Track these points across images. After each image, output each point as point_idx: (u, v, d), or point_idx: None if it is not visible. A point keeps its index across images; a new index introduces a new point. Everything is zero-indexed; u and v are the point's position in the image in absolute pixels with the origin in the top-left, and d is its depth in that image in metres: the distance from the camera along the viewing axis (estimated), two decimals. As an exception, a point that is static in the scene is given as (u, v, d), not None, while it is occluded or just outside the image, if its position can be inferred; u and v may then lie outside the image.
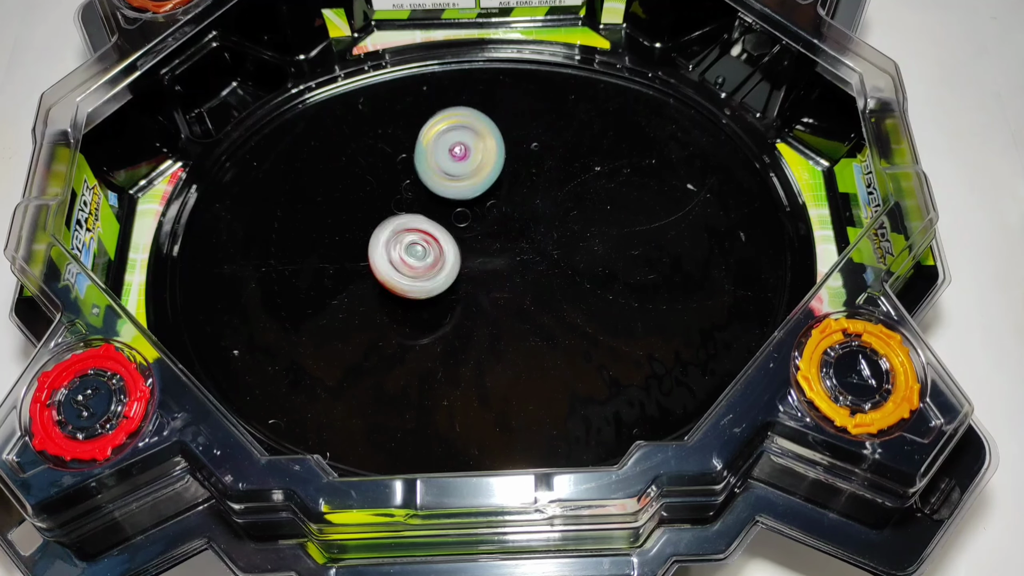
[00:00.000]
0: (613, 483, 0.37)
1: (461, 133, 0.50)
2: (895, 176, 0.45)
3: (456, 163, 0.49)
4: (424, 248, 0.46)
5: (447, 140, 0.49)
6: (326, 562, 0.39)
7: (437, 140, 0.49)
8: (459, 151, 0.48)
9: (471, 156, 0.49)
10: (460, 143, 0.49)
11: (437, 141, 0.49)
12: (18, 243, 0.43)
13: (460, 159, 0.49)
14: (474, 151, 0.48)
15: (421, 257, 0.46)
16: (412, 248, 0.46)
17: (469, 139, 0.49)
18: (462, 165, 0.49)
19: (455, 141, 0.49)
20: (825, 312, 0.41)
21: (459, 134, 0.50)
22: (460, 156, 0.49)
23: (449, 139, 0.49)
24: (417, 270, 0.46)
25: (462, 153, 0.48)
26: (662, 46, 0.58)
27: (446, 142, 0.49)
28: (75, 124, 0.47)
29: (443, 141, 0.49)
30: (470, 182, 0.49)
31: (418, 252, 0.46)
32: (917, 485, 0.37)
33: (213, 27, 0.52)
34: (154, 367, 0.40)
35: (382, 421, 0.46)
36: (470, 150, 0.48)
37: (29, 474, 0.37)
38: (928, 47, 0.63)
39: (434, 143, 0.49)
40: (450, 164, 0.49)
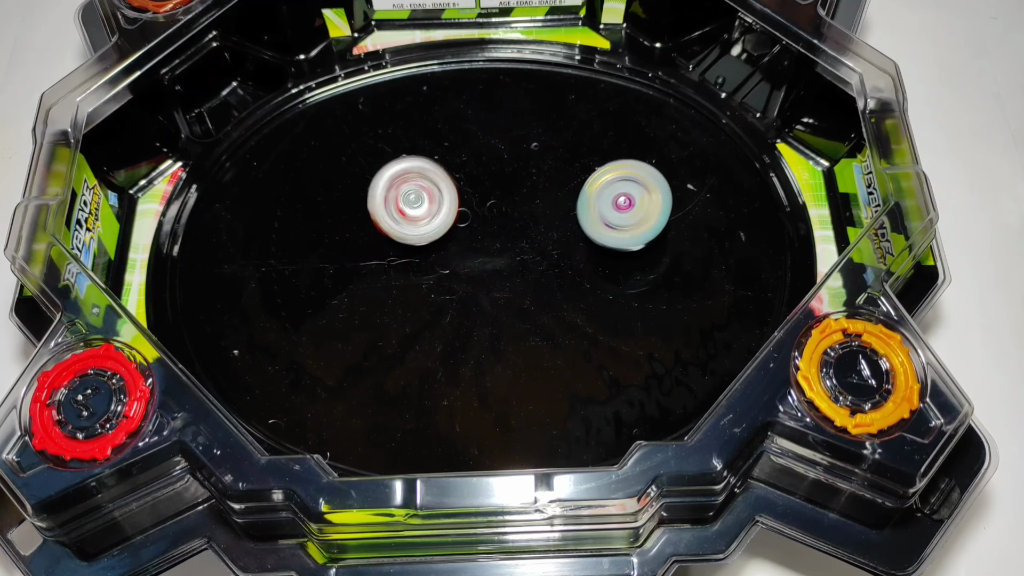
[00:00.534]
0: (613, 483, 0.37)
1: (628, 185, 0.48)
2: (895, 176, 0.45)
3: (619, 213, 0.48)
4: (417, 195, 0.47)
5: (612, 191, 0.48)
6: (326, 562, 0.39)
7: (603, 190, 0.48)
8: (623, 201, 0.48)
9: (635, 207, 0.48)
10: (625, 194, 0.48)
11: (602, 191, 0.48)
12: (18, 243, 0.43)
13: (624, 209, 0.48)
14: (639, 203, 0.48)
15: (415, 204, 0.47)
16: (407, 196, 0.47)
17: (635, 191, 0.48)
18: (625, 216, 0.48)
19: (620, 192, 0.48)
20: (825, 312, 0.41)
21: (625, 186, 0.48)
22: (624, 207, 0.48)
23: (614, 190, 0.48)
24: (411, 218, 0.47)
25: (626, 204, 0.48)
26: (662, 46, 0.58)
27: (611, 192, 0.48)
28: (75, 124, 0.47)
29: (608, 191, 0.48)
30: (631, 233, 0.48)
31: (411, 199, 0.47)
32: (917, 485, 0.37)
33: (213, 27, 0.52)
34: (154, 367, 0.40)
35: (382, 421, 0.46)
36: (635, 201, 0.47)
37: (29, 474, 0.37)
38: (928, 47, 0.63)
39: (599, 192, 0.48)
40: (613, 214, 0.48)
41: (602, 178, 0.49)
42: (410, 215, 0.49)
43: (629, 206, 0.47)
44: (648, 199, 0.48)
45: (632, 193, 0.48)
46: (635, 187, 0.48)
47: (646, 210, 0.48)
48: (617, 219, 0.48)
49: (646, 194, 0.48)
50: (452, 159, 0.54)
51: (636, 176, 0.48)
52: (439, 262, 0.50)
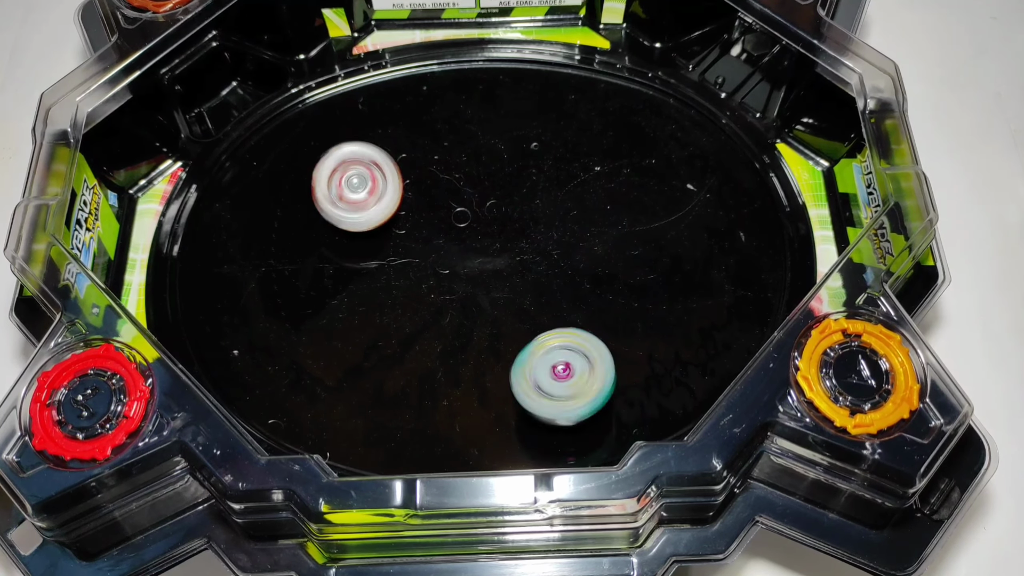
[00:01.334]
0: (613, 483, 0.37)
1: (570, 355, 0.43)
2: (895, 176, 0.45)
3: (556, 382, 0.43)
4: (360, 180, 0.46)
5: (552, 357, 0.43)
6: (326, 562, 0.39)
7: (544, 355, 0.43)
8: (562, 369, 0.43)
9: (573, 378, 0.43)
10: (565, 363, 0.43)
11: (544, 356, 0.43)
12: (18, 243, 0.43)
13: (561, 378, 0.43)
14: (578, 374, 0.43)
15: (356, 189, 0.46)
16: (350, 180, 0.46)
17: (576, 361, 0.43)
18: (562, 385, 0.43)
19: (560, 360, 0.43)
20: (825, 312, 0.41)
21: (567, 355, 0.43)
22: (562, 375, 0.43)
23: (554, 357, 0.43)
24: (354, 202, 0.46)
25: (565, 372, 0.42)
26: (662, 46, 0.58)
27: (551, 359, 0.43)
28: (75, 124, 0.47)
29: (548, 357, 0.43)
30: (564, 405, 0.42)
31: (354, 184, 0.46)
32: (917, 485, 0.37)
33: (213, 27, 0.52)
34: (154, 367, 0.40)
35: (382, 421, 0.46)
36: (574, 371, 0.42)
37: (29, 474, 0.37)
38: (928, 47, 0.63)
39: (540, 357, 0.43)
40: (548, 381, 0.43)
41: (546, 343, 0.44)
42: (351, 200, 0.48)
43: (567, 375, 0.43)
44: (589, 373, 0.43)
45: (573, 363, 0.43)
46: (577, 357, 0.43)
47: (585, 383, 0.42)
48: (552, 388, 0.43)
49: (588, 367, 0.43)
50: (452, 159, 0.54)
51: (581, 347, 0.43)
52: (439, 262, 0.50)
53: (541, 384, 0.43)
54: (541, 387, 0.43)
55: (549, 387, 0.42)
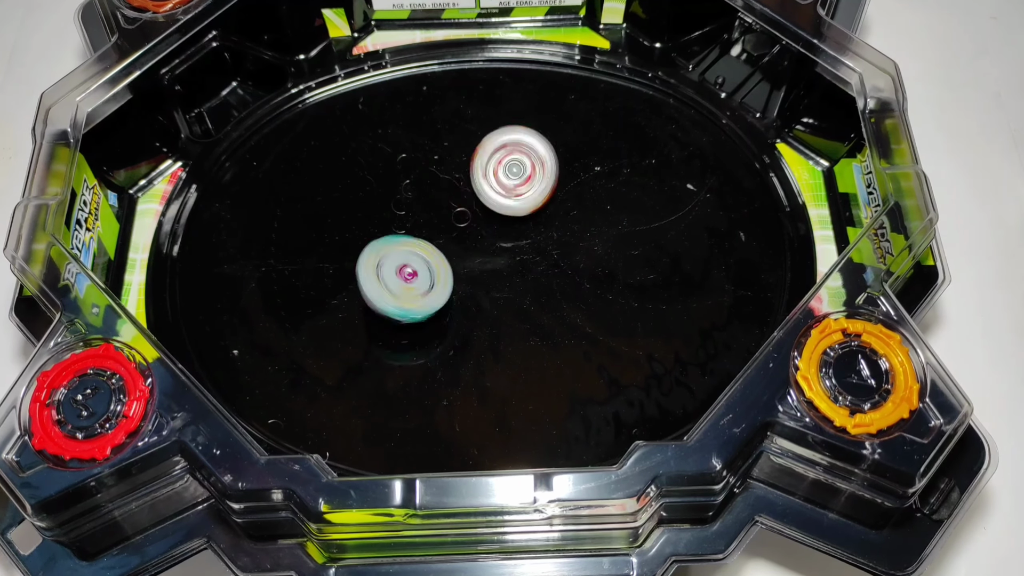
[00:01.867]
0: (612, 483, 0.37)
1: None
2: (895, 176, 0.45)
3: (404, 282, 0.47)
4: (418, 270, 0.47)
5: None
6: (325, 562, 0.39)
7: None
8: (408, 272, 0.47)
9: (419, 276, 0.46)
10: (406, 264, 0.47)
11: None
12: (18, 242, 0.43)
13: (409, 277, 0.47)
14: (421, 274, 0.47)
15: (519, 175, 0.47)
16: (510, 168, 0.47)
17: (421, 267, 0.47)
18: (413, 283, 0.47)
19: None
20: (825, 312, 0.41)
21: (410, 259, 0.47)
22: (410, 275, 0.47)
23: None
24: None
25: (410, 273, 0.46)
26: (662, 46, 0.58)
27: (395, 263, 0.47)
28: (75, 124, 0.47)
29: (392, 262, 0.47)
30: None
31: (515, 171, 0.47)
32: (916, 485, 0.37)
33: (213, 27, 0.52)
34: (154, 367, 0.40)
35: (381, 421, 0.46)
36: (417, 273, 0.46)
37: (28, 473, 0.37)
38: (928, 47, 0.63)
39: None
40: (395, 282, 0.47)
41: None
42: (509, 186, 0.48)
43: (413, 276, 0.47)
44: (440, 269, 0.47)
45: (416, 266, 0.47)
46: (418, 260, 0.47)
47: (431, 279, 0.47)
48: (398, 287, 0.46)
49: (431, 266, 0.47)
50: (452, 159, 0.54)
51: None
52: (439, 262, 0.50)
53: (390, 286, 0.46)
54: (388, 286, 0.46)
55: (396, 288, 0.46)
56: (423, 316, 0.46)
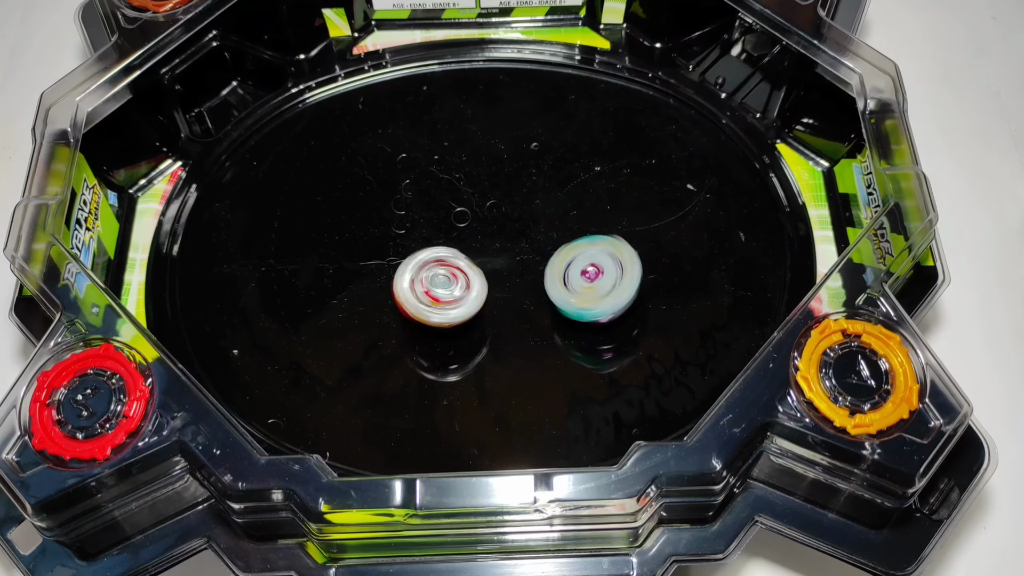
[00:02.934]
0: (612, 483, 0.37)
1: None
2: (895, 177, 0.45)
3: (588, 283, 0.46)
4: (449, 279, 0.46)
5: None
6: (325, 562, 0.39)
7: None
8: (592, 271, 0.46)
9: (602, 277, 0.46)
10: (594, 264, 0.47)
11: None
12: (18, 242, 0.43)
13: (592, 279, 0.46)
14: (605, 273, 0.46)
15: (446, 286, 0.46)
16: (436, 279, 0.46)
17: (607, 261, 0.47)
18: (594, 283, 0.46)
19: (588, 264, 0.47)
20: (824, 312, 0.41)
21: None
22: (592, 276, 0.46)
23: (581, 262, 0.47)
24: (442, 302, 0.46)
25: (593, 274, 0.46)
26: (662, 46, 0.58)
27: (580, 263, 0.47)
28: (75, 123, 0.47)
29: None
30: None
31: (441, 281, 0.46)
32: (916, 485, 0.37)
33: (213, 26, 0.52)
34: (154, 367, 0.40)
35: (381, 421, 0.46)
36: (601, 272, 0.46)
37: (28, 473, 0.37)
38: (928, 47, 0.63)
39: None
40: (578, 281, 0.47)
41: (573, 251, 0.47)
42: (440, 297, 0.46)
43: (597, 276, 0.46)
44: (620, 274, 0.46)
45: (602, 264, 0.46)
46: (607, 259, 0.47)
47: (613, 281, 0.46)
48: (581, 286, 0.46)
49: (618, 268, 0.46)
50: (452, 159, 0.54)
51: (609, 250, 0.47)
52: (439, 262, 0.50)
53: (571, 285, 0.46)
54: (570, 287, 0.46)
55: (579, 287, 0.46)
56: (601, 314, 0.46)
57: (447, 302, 0.46)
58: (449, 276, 0.46)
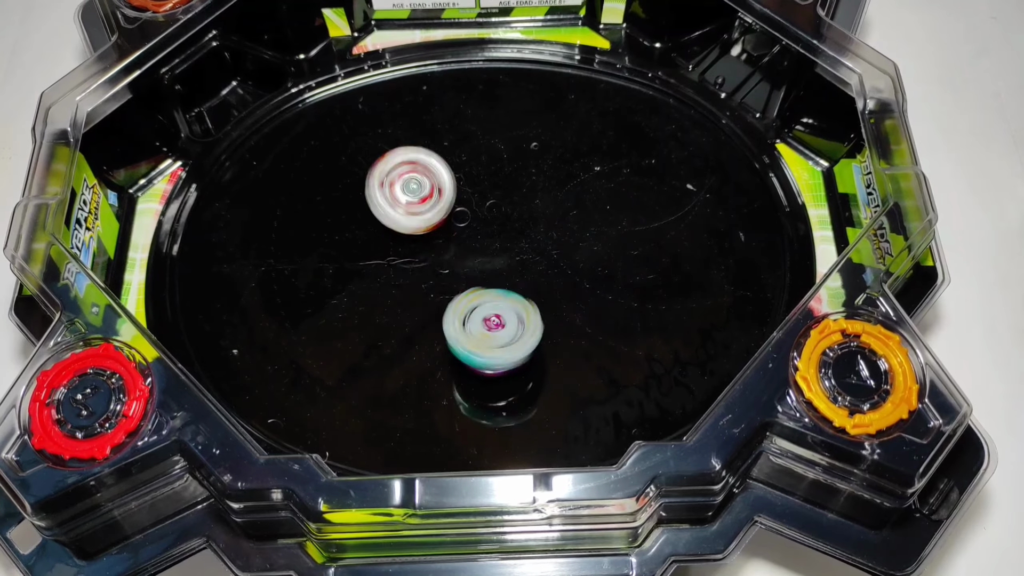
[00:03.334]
0: (612, 483, 0.37)
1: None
2: (894, 177, 0.45)
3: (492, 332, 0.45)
4: (419, 183, 0.46)
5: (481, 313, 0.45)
6: (325, 561, 0.39)
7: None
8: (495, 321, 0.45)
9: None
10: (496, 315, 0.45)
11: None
12: (17, 242, 0.43)
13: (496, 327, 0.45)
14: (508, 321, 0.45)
15: (416, 192, 0.45)
16: (408, 183, 0.45)
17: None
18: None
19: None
20: (824, 312, 0.41)
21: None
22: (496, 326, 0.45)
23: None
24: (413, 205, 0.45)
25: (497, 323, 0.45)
26: (662, 46, 0.58)
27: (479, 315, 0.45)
28: (75, 123, 0.47)
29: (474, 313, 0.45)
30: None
31: (412, 188, 0.45)
32: (916, 485, 0.37)
33: (213, 26, 0.52)
34: (153, 366, 0.40)
35: (381, 420, 0.46)
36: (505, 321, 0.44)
37: (28, 473, 0.37)
38: (928, 47, 0.63)
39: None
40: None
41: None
42: (407, 203, 0.47)
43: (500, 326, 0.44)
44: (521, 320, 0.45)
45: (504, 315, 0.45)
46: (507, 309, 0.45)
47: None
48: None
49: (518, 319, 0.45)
50: (452, 159, 0.53)
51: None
52: (439, 262, 0.50)
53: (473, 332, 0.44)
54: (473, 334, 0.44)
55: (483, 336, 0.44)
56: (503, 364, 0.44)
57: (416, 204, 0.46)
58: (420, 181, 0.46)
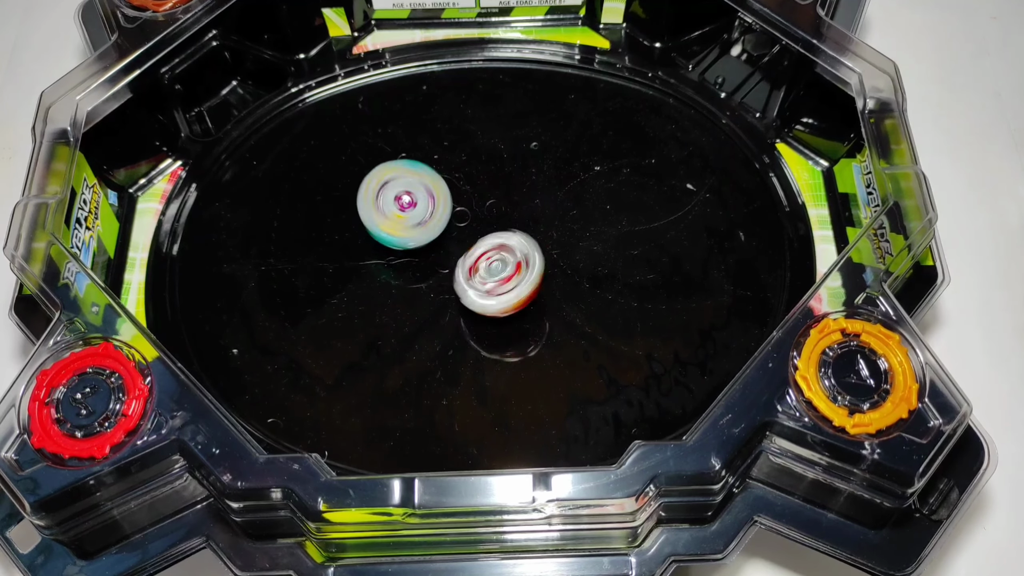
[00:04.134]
0: (611, 483, 0.37)
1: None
2: (894, 176, 0.45)
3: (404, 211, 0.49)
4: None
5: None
6: (324, 561, 0.39)
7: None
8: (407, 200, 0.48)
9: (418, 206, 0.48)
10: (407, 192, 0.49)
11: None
12: (17, 241, 0.43)
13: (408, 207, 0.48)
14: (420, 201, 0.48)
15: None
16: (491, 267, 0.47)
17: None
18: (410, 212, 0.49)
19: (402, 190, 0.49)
20: (824, 312, 0.41)
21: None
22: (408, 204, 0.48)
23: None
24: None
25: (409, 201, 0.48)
26: (662, 46, 0.58)
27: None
28: (75, 123, 0.47)
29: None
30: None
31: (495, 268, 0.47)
32: (915, 485, 0.37)
33: (213, 26, 0.52)
34: (153, 366, 0.40)
35: (381, 420, 0.46)
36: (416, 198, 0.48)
37: (27, 472, 0.37)
38: (928, 47, 0.63)
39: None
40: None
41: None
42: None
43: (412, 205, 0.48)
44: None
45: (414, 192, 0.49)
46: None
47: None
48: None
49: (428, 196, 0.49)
50: (452, 159, 0.54)
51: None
52: (439, 262, 0.50)
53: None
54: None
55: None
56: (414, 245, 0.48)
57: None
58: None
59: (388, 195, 0.48)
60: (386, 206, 0.47)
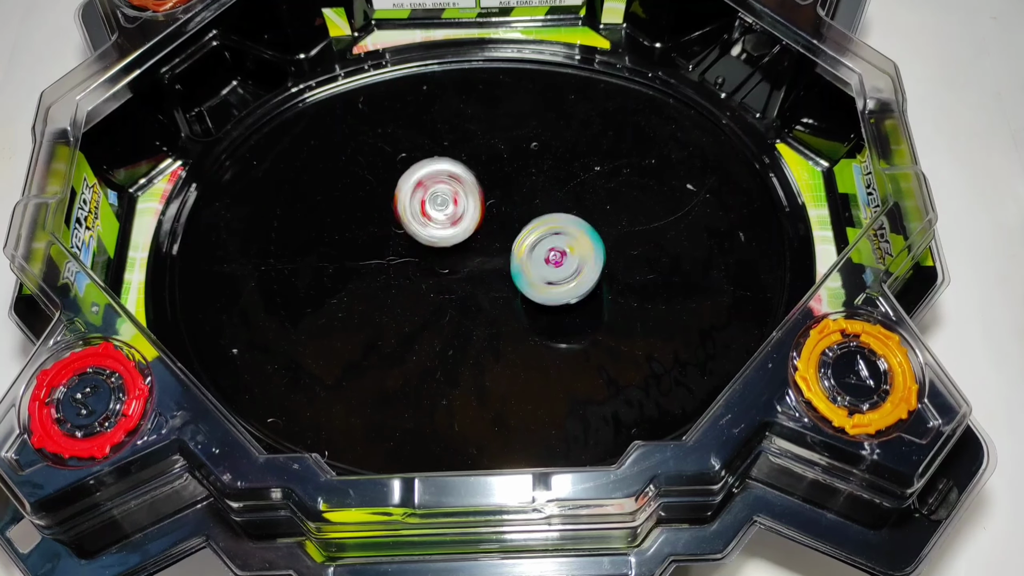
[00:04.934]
0: (611, 483, 0.37)
1: (555, 239, 0.47)
2: (894, 177, 0.45)
3: (555, 269, 0.47)
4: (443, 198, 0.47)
5: (542, 248, 0.47)
6: (324, 561, 0.39)
7: (531, 251, 0.47)
8: (555, 256, 0.47)
9: (567, 259, 0.47)
10: (555, 248, 0.47)
11: (531, 252, 0.47)
12: (17, 241, 0.43)
13: (557, 265, 0.47)
14: (569, 254, 0.47)
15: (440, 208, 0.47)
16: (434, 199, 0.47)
17: (562, 243, 0.47)
18: (560, 271, 0.47)
19: (550, 247, 0.47)
20: (824, 312, 0.41)
21: (553, 240, 0.47)
22: (556, 262, 0.47)
23: (544, 246, 0.47)
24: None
25: (558, 259, 0.47)
26: (662, 46, 0.58)
27: (541, 251, 0.47)
28: (75, 122, 0.47)
29: (538, 250, 0.47)
30: (571, 286, 0.47)
31: (438, 203, 0.47)
32: (915, 486, 0.37)
33: (213, 26, 0.52)
34: (153, 365, 0.40)
35: (381, 420, 0.46)
36: (566, 254, 0.47)
37: (28, 472, 0.37)
38: (928, 47, 0.63)
39: (528, 255, 0.47)
40: (548, 271, 0.47)
41: (529, 237, 0.48)
42: (435, 218, 0.48)
43: (561, 260, 0.47)
44: (578, 246, 0.47)
45: (561, 246, 0.47)
46: (562, 239, 0.47)
47: (579, 259, 0.47)
48: (553, 275, 0.47)
49: (575, 244, 0.47)
50: (452, 159, 0.54)
51: (560, 228, 0.47)
52: (438, 262, 0.50)
53: (546, 277, 0.47)
54: (547, 280, 0.47)
55: (553, 276, 0.47)
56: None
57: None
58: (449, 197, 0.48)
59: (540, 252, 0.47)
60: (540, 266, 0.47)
